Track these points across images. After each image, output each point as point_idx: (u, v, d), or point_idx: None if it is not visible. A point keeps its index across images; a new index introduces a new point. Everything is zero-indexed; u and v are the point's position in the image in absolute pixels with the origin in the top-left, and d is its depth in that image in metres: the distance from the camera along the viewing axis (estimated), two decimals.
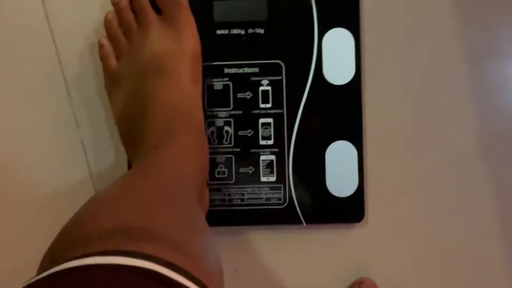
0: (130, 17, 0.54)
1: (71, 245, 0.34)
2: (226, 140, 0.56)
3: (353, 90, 0.55)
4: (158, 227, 0.35)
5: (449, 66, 0.56)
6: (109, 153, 0.57)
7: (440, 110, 0.56)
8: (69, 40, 0.57)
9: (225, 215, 0.56)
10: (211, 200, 0.55)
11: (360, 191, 0.55)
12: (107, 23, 0.54)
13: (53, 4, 0.57)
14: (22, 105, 0.57)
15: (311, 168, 0.55)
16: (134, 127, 0.52)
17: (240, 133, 0.56)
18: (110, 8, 0.54)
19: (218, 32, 0.55)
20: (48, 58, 0.57)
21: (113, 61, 0.54)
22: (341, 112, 0.55)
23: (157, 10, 0.53)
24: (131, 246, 0.31)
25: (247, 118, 0.56)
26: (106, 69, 0.54)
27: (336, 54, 0.55)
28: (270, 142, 0.55)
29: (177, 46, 0.52)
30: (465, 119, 0.56)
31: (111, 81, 0.54)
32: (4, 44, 0.57)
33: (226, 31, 0.55)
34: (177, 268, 0.30)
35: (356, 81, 0.55)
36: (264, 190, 0.55)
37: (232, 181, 0.56)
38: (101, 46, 0.54)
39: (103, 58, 0.54)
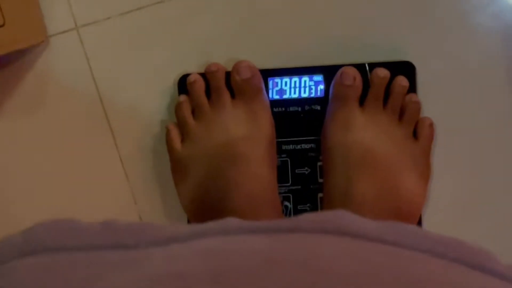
0: (203, 98, 0.54)
1: None
2: (286, 215, 0.57)
3: None
4: None
5: None
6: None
7: None
8: (124, 122, 0.57)
9: None
10: None
11: None
12: (178, 105, 0.54)
13: (105, 87, 0.56)
14: (78, 187, 0.58)
15: None
16: (210, 215, 0.52)
17: (299, 207, 0.57)
18: (163, 89, 0.55)
19: (275, 110, 0.55)
20: (103, 138, 0.57)
21: (178, 145, 0.54)
22: None
23: (231, 93, 0.54)
24: None
25: (305, 193, 0.56)
26: (172, 153, 0.54)
27: None
28: None
29: (253, 131, 0.52)
30: None
31: (178, 165, 0.54)
32: (59, 126, 0.57)
33: (283, 109, 0.56)
34: None
35: None
36: None
37: None
38: (168, 130, 0.54)
39: (169, 142, 0.54)
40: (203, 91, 0.54)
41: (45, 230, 0.31)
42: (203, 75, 0.55)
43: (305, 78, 0.55)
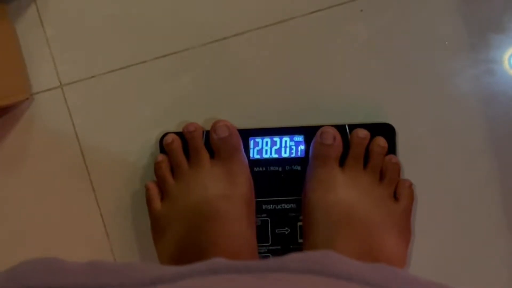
0: (181, 157, 0.54)
1: None
2: None
3: None
4: None
5: None
6: None
7: None
8: (105, 179, 0.57)
9: None
10: None
11: None
12: (157, 164, 0.54)
13: (88, 144, 0.57)
14: (58, 243, 0.58)
15: None
16: None
17: None
18: (144, 147, 0.55)
19: (256, 169, 0.56)
20: (84, 195, 0.57)
21: (158, 204, 0.54)
22: None
23: (210, 153, 0.54)
24: None
25: (285, 253, 0.55)
26: (152, 212, 0.55)
27: None
28: None
29: (231, 190, 0.52)
30: None
31: (157, 223, 0.54)
32: (41, 182, 0.57)
33: (263, 169, 0.56)
34: None
35: None
36: None
37: None
38: (147, 189, 0.54)
39: (149, 201, 0.54)
40: (181, 151, 0.54)
41: (29, 269, 0.31)
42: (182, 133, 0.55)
43: (286, 139, 0.55)
